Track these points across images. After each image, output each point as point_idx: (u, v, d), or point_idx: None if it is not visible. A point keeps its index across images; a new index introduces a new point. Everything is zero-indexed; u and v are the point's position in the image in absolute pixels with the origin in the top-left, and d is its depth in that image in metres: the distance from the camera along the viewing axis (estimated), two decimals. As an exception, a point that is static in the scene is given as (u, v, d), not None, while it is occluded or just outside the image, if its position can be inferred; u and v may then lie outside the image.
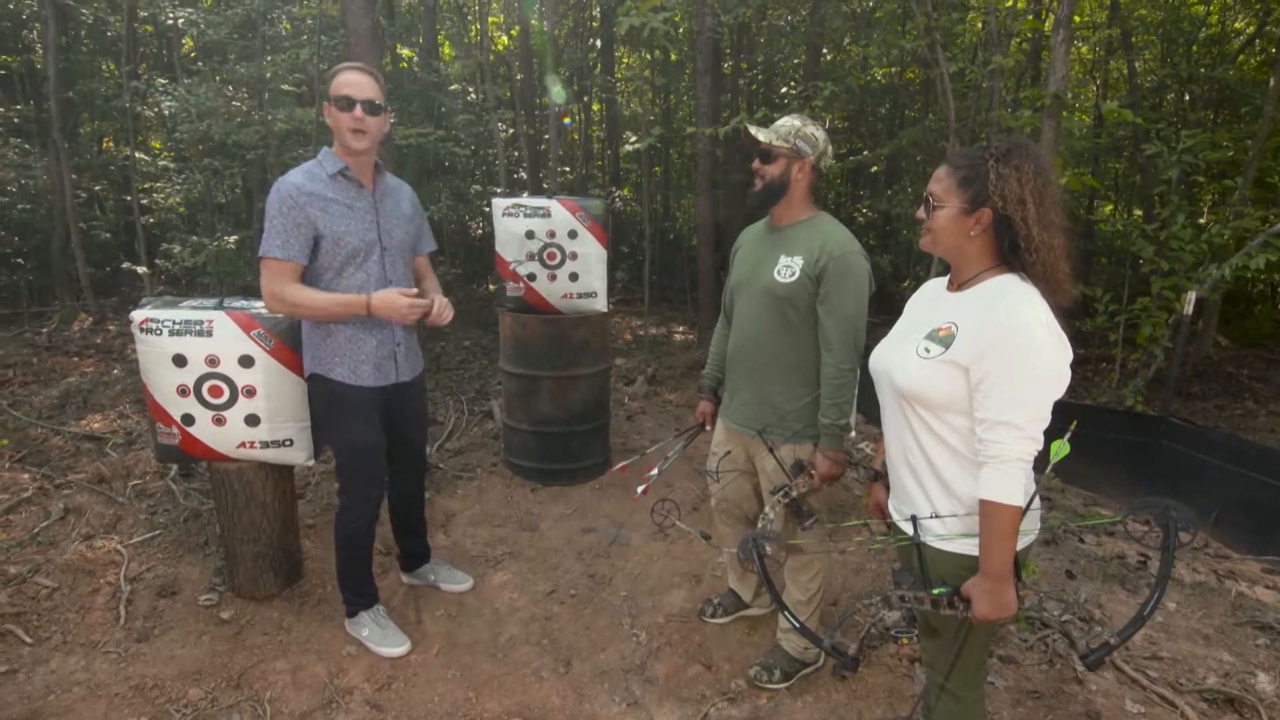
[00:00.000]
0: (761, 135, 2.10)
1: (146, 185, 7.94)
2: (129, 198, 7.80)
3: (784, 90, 7.76)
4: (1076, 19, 7.22)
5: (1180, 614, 2.85)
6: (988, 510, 1.46)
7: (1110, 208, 9.62)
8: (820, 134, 2.13)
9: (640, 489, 2.34)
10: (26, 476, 3.47)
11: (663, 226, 10.86)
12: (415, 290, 2.28)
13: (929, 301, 1.71)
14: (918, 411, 1.60)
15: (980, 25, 5.07)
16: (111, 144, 9.72)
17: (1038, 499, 1.65)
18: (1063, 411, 1.52)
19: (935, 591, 1.58)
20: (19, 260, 8.21)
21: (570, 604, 2.83)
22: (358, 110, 2.18)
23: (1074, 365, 1.52)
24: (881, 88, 8.39)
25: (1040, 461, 1.55)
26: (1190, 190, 6.76)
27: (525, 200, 3.50)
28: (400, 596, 2.82)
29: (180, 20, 5.48)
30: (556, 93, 5.60)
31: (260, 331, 2.54)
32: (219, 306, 2.58)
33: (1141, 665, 2.53)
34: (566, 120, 6.50)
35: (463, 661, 2.49)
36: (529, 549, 3.19)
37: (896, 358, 1.65)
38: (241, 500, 2.69)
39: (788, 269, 2.09)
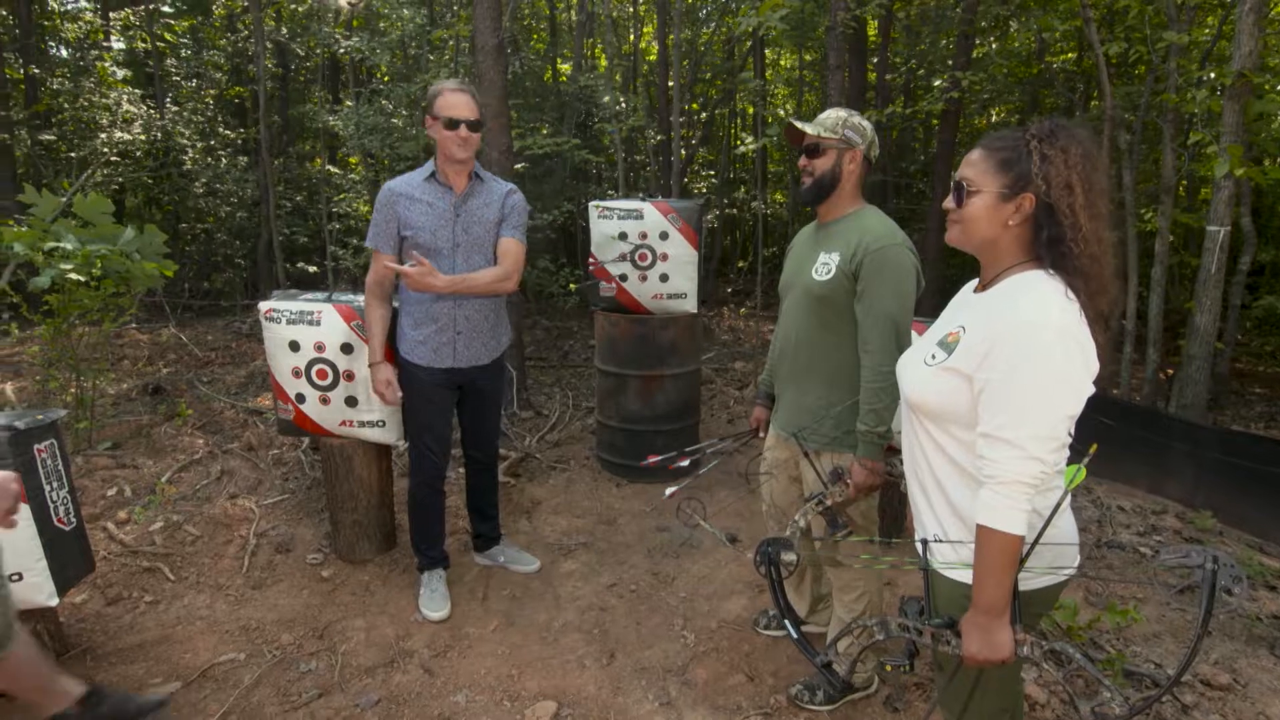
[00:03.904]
0: (808, 129, 2.03)
1: (341, 195, 9.04)
2: (322, 206, 8.94)
3: (936, 83, 7.27)
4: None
5: (1344, 693, 2.35)
6: (982, 537, 1.31)
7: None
8: (867, 124, 2.04)
9: (669, 491, 2.33)
10: (201, 442, 4.10)
11: (809, 230, 10.56)
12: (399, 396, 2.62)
13: (958, 303, 1.57)
14: (923, 423, 1.48)
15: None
16: (321, 160, 11.21)
17: (1075, 532, 1.45)
18: (1224, 441, 1.28)
19: (931, 623, 1.45)
20: (239, 260, 9.69)
21: (628, 598, 2.88)
22: (462, 129, 2.47)
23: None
24: (1055, 75, 7.60)
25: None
26: None
27: (618, 202, 3.60)
28: (475, 573, 3.02)
29: (346, 48, 6.19)
30: (604, 92, 5.70)
31: (359, 322, 2.82)
32: (328, 299, 2.90)
33: (1274, 746, 2.13)
34: (613, 127, 6.53)
35: (514, 640, 2.62)
36: (602, 541, 3.28)
37: (907, 364, 1.54)
38: (342, 472, 3.01)
39: (824, 266, 2.00)
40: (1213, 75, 4.37)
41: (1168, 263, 4.64)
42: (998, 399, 1.30)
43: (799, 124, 2.04)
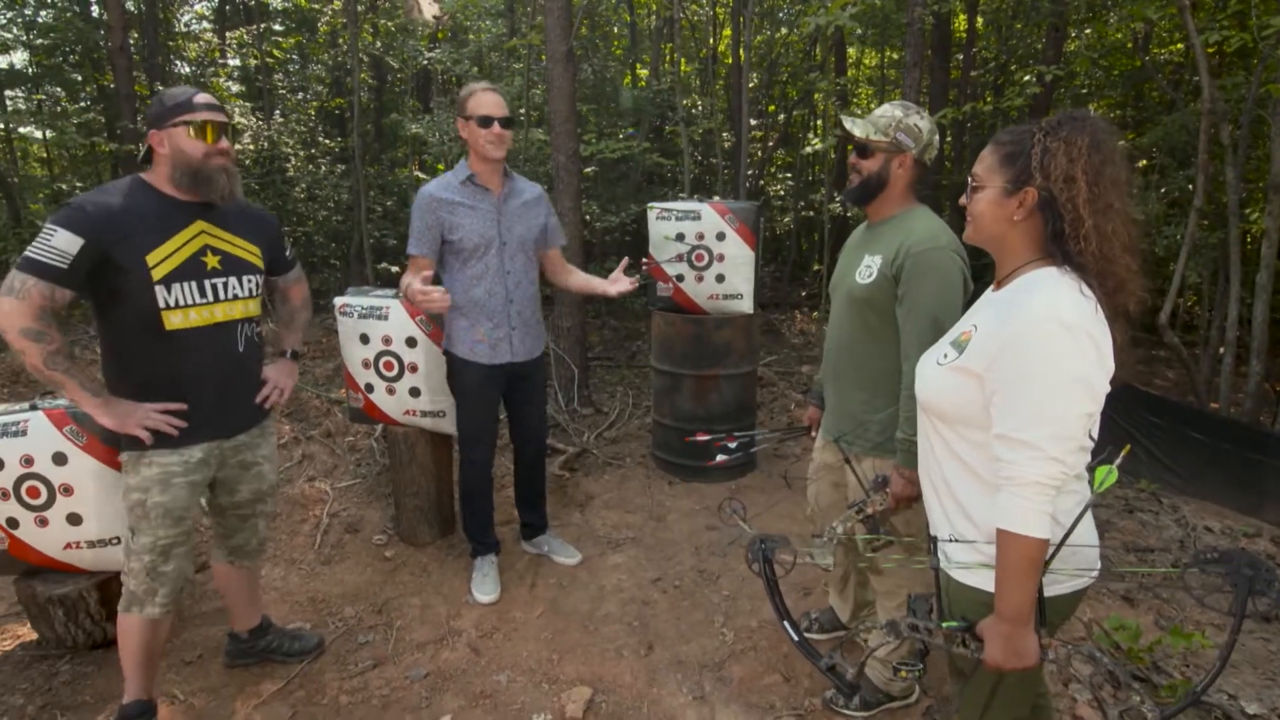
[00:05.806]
0: (857, 129, 1.95)
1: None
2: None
3: (1026, 78, 6.95)
4: None
5: None
6: (1003, 541, 1.29)
7: None
8: (925, 124, 1.94)
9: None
10: (288, 428, 4.40)
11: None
12: (434, 289, 2.31)
13: (978, 303, 1.55)
14: (935, 424, 1.46)
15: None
16: (410, 167, 11.78)
17: (1094, 534, 1.41)
18: None
19: (945, 625, 1.42)
20: (334, 262, 10.30)
21: (671, 593, 2.92)
22: (495, 127, 2.54)
23: None
24: (1160, 68, 7.13)
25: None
26: None
27: (676, 204, 3.65)
28: (525, 561, 3.13)
29: (429, 60, 6.49)
30: (626, 99, 5.70)
31: (423, 317, 2.99)
32: (396, 296, 3.08)
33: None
34: (631, 129, 6.49)
35: (557, 626, 2.71)
36: (650, 537, 3.33)
37: (922, 364, 1.52)
38: (406, 459, 3.18)
39: (867, 269, 1.96)
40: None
41: (1275, 266, 4.29)
42: (1011, 399, 1.27)
43: (848, 122, 1.98)
